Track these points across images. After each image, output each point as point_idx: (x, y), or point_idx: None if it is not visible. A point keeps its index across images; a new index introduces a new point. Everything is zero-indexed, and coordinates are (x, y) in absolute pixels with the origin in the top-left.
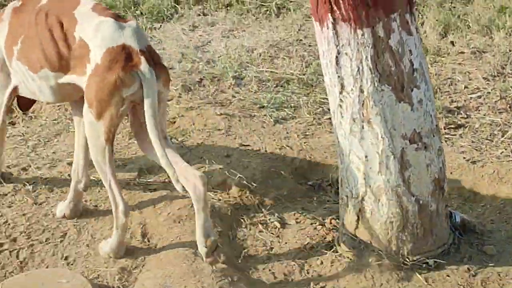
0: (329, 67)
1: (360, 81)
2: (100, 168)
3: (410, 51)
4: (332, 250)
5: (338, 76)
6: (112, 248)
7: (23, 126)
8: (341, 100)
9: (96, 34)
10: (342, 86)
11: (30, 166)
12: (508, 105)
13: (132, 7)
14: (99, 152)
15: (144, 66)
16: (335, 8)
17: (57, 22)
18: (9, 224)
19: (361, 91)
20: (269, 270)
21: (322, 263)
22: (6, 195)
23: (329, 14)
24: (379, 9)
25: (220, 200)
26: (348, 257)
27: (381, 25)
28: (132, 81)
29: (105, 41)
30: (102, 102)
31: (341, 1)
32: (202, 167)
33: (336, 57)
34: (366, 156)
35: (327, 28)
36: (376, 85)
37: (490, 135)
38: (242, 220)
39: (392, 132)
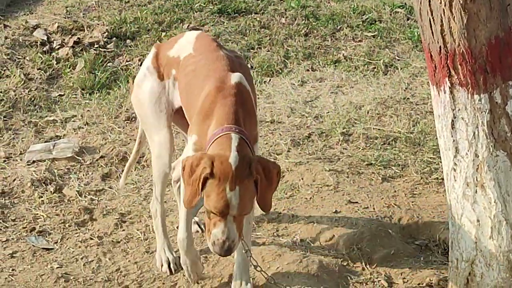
0: (444, 130)
1: (475, 145)
2: None
3: None
4: None
5: (453, 140)
6: None
7: (136, 175)
8: (455, 163)
9: None
10: (457, 150)
11: (142, 215)
12: None
13: None
14: None
15: None
16: (453, 73)
17: None
18: (121, 271)
19: (476, 155)
20: None
21: None
22: (118, 242)
23: (447, 79)
24: (497, 75)
25: (327, 256)
26: None
27: (499, 91)
28: None
29: None
30: None
31: (459, 67)
32: (311, 222)
33: (452, 121)
34: (478, 220)
35: (444, 93)
36: (491, 150)
37: None
38: (349, 278)
39: (506, 198)
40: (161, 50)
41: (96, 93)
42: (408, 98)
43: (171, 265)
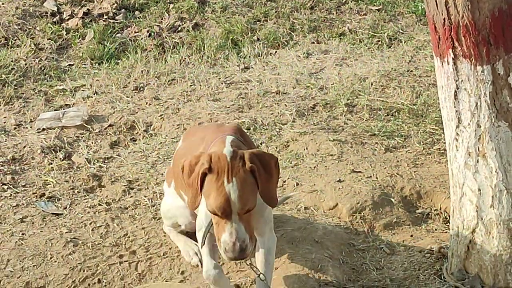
0: (447, 101)
1: (478, 116)
2: None
3: None
4: (440, 279)
5: (456, 111)
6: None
7: (143, 143)
8: (457, 134)
9: None
10: (459, 120)
11: (149, 182)
12: None
13: (249, 33)
14: None
15: None
16: (456, 44)
17: None
18: (129, 237)
19: (478, 126)
20: None
21: None
22: (126, 208)
23: (450, 50)
24: (500, 47)
25: (330, 224)
26: (456, 287)
27: (501, 62)
28: None
29: None
30: None
31: (463, 38)
32: (314, 191)
33: (455, 91)
34: (479, 189)
35: (448, 64)
36: (493, 120)
37: None
38: (351, 245)
39: (507, 167)
40: (169, 168)
41: (105, 63)
42: (411, 71)
43: (199, 255)
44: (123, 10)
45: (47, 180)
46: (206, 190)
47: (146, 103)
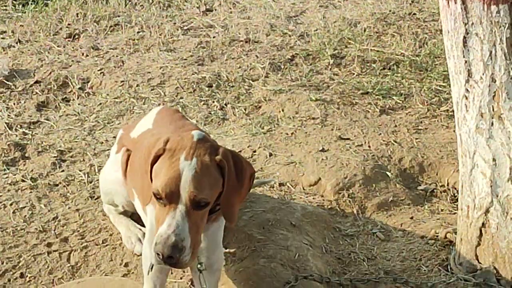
0: (454, 49)
1: (492, 68)
2: None
3: None
4: (446, 270)
5: (465, 61)
6: None
7: (79, 104)
8: (467, 90)
9: None
10: (469, 74)
11: (86, 152)
12: None
13: None
14: None
15: None
16: None
17: None
18: (59, 220)
19: (493, 80)
20: None
21: (434, 286)
22: (56, 185)
23: None
24: None
25: (311, 203)
26: (465, 281)
27: None
28: None
29: None
30: None
31: None
32: (292, 163)
33: (464, 37)
34: (494, 159)
35: (455, 3)
36: (511, 73)
37: None
38: (337, 230)
39: None
40: (126, 133)
41: (31, 4)
42: (414, 14)
43: (142, 240)
44: None
45: None
46: (156, 169)
47: (82, 54)
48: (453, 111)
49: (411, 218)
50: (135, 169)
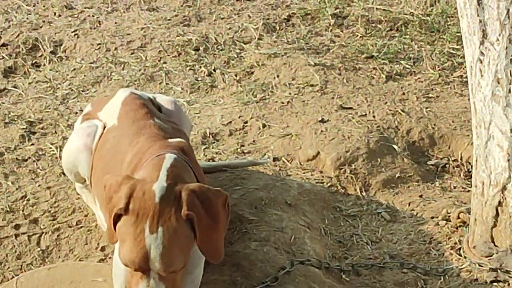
0: (468, 7)
1: (510, 28)
2: None
3: None
4: (458, 255)
5: (480, 21)
6: None
7: (50, 70)
8: (481, 53)
9: None
10: (484, 34)
11: (58, 124)
12: None
13: None
14: None
15: None
16: None
17: None
18: (28, 200)
19: (510, 41)
20: (373, 279)
21: (444, 272)
22: (25, 160)
23: None
24: None
25: (309, 180)
26: (479, 266)
27: None
28: None
29: None
30: None
31: None
32: (287, 135)
33: None
34: (511, 130)
35: None
36: None
37: None
38: (338, 209)
39: None
40: (94, 111)
41: None
42: None
43: None
44: None
45: None
46: (120, 233)
47: (54, 14)
48: (467, 76)
49: (420, 196)
50: (98, 183)
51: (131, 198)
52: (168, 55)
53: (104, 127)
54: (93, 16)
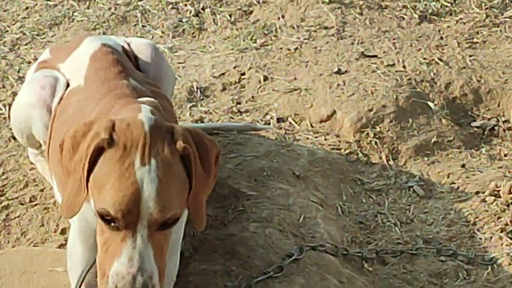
0: None
1: None
2: None
3: None
4: (509, 238)
5: None
6: None
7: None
8: None
9: None
10: None
11: (7, 76)
12: None
13: None
14: None
15: None
16: None
17: None
18: None
19: None
20: (403, 268)
21: (492, 261)
22: None
23: None
24: None
25: (322, 146)
26: None
27: None
28: None
29: None
30: None
31: None
32: (295, 90)
33: None
34: None
35: None
36: None
37: None
38: (359, 182)
39: None
40: (53, 59)
41: None
42: None
43: None
44: None
45: None
46: (100, 176)
47: None
48: None
49: (462, 166)
50: (55, 154)
51: (113, 132)
52: None
53: (68, 85)
54: None
